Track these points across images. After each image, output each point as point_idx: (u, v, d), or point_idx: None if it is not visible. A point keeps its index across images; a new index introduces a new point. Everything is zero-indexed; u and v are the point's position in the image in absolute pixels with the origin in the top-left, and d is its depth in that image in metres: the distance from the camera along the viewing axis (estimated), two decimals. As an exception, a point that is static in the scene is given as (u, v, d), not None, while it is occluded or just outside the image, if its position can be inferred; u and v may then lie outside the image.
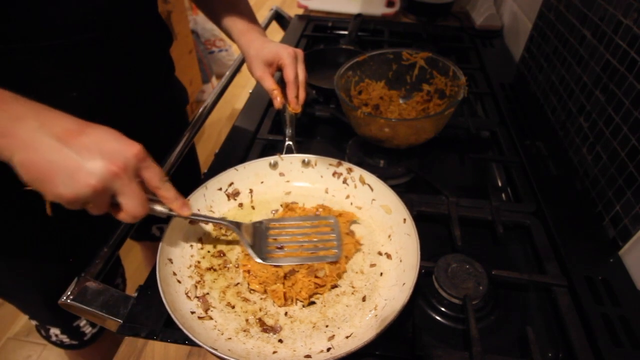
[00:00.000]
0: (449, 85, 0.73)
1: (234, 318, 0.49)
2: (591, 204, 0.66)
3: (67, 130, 0.38)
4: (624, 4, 0.63)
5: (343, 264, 0.54)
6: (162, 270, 0.50)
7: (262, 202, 0.64)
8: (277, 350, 0.46)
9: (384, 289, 0.52)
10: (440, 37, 1.20)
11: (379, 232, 0.60)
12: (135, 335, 0.49)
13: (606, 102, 0.66)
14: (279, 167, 0.67)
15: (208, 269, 0.55)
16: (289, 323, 0.49)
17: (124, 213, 0.42)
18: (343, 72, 0.74)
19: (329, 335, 0.48)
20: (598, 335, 0.48)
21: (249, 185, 0.65)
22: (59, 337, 0.80)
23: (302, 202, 0.64)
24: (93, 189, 0.38)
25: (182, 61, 2.08)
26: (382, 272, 0.55)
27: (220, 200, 0.62)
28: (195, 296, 0.51)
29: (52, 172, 0.37)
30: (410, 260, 0.52)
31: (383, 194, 0.61)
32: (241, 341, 0.47)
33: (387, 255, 0.56)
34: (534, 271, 0.58)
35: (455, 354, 0.47)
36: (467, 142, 0.82)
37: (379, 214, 0.61)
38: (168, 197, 0.46)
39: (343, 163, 0.65)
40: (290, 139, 0.69)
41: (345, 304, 0.51)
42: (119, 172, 0.39)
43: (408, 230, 0.55)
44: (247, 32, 0.71)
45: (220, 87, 0.92)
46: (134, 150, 0.41)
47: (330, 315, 0.50)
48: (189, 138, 0.77)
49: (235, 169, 0.64)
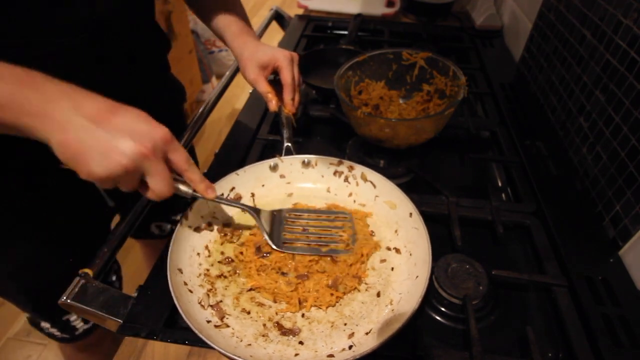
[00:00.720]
0: (449, 85, 0.73)
1: (251, 324, 0.49)
2: (591, 204, 0.66)
3: (99, 110, 0.40)
4: (624, 4, 0.63)
5: (364, 270, 0.55)
6: (174, 280, 0.49)
7: (264, 205, 0.64)
8: (298, 352, 0.46)
9: (396, 283, 0.53)
10: (440, 37, 1.20)
11: (385, 228, 0.60)
12: (135, 335, 0.49)
13: (606, 102, 0.66)
14: (280, 169, 0.67)
15: (218, 277, 0.54)
16: (307, 324, 0.49)
17: (151, 192, 0.45)
18: (343, 72, 0.74)
19: (348, 333, 0.48)
20: (598, 335, 0.48)
21: (250, 189, 0.65)
22: (49, 330, 0.80)
23: (305, 203, 0.64)
24: (124, 169, 0.40)
25: (182, 61, 2.08)
26: (393, 267, 0.55)
27: (222, 205, 0.62)
28: (209, 305, 0.50)
29: (85, 152, 0.39)
30: (420, 253, 0.53)
31: (386, 190, 0.62)
32: (261, 346, 0.47)
33: (395, 250, 0.57)
34: (534, 271, 0.58)
35: (455, 354, 0.47)
36: (467, 142, 0.82)
37: (384, 210, 0.62)
38: (194, 179, 0.48)
39: (344, 162, 0.65)
40: (288, 141, 0.69)
41: (361, 301, 0.52)
42: (148, 154, 0.41)
43: (415, 224, 0.56)
44: (240, 35, 0.71)
45: (220, 87, 0.92)
46: (162, 132, 0.43)
47: (347, 314, 0.50)
48: (189, 138, 0.77)
49: (236, 173, 0.63)
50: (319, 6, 1.35)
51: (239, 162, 0.73)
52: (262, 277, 0.53)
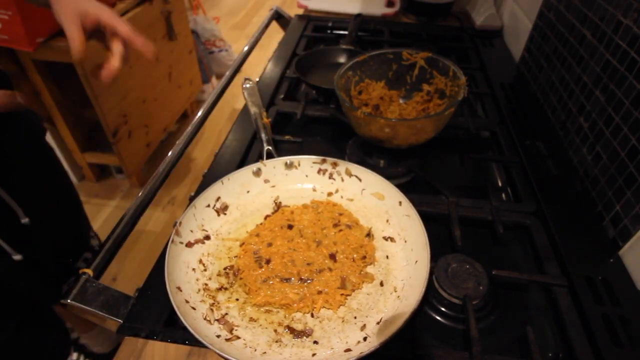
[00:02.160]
0: (449, 85, 0.73)
1: (262, 332, 0.48)
2: (591, 204, 0.66)
3: None
4: (624, 4, 0.63)
5: (371, 275, 0.55)
6: (176, 300, 0.47)
7: (252, 211, 0.63)
8: (315, 352, 0.46)
9: (396, 270, 0.54)
10: (440, 37, 1.20)
11: (376, 219, 0.61)
12: (135, 335, 0.49)
13: (606, 102, 0.66)
14: (263, 173, 0.66)
15: (218, 289, 0.53)
16: (318, 324, 0.49)
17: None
18: (343, 72, 0.74)
19: (360, 325, 0.49)
20: (598, 335, 0.48)
21: (236, 197, 0.64)
22: None
23: (292, 204, 0.64)
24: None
25: (182, 61, 2.08)
26: (388, 255, 0.56)
27: (210, 217, 0.60)
28: (214, 319, 0.49)
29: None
30: (416, 238, 0.54)
31: (372, 182, 0.63)
32: (277, 352, 0.46)
33: (390, 239, 0.58)
34: (534, 271, 0.58)
35: (455, 354, 0.47)
36: (467, 142, 0.82)
37: (372, 202, 0.63)
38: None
39: (327, 159, 0.66)
40: (268, 143, 0.70)
41: (366, 292, 0.53)
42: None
43: (406, 212, 0.57)
44: None
45: (220, 87, 0.92)
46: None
47: (355, 307, 0.51)
48: (189, 138, 0.78)
49: (221, 181, 0.62)
50: (319, 6, 1.35)
51: (239, 162, 0.73)
52: (267, 291, 0.52)
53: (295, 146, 0.78)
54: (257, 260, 0.55)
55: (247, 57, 1.08)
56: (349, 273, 0.54)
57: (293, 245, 0.57)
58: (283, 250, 0.56)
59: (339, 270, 0.54)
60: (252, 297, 0.52)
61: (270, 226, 0.60)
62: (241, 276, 0.54)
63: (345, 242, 0.57)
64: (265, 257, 0.55)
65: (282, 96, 0.93)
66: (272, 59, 1.05)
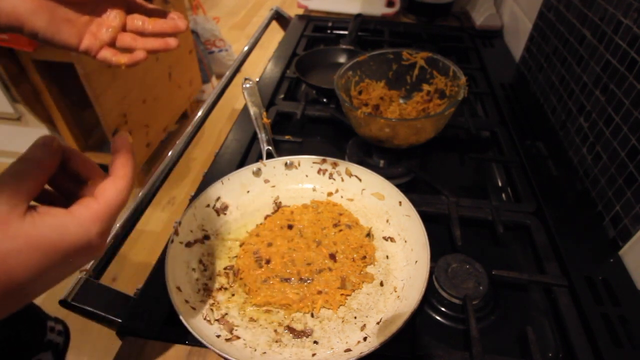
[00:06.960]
0: (449, 85, 0.73)
1: (262, 332, 0.49)
2: (591, 204, 0.66)
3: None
4: (624, 4, 0.63)
5: (371, 275, 0.55)
6: (176, 300, 0.47)
7: (252, 211, 0.63)
8: (315, 352, 0.46)
9: (396, 270, 0.54)
10: (440, 37, 1.20)
11: (376, 219, 0.61)
12: (135, 335, 0.49)
13: (606, 102, 0.66)
14: (263, 173, 0.66)
15: (219, 290, 0.53)
16: (318, 324, 0.50)
17: None
18: (343, 72, 0.74)
19: (360, 325, 0.49)
20: (598, 335, 0.48)
21: (236, 197, 0.63)
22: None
23: (292, 204, 0.64)
24: None
25: (182, 61, 2.08)
26: (389, 255, 0.57)
27: (210, 217, 0.60)
28: (214, 319, 0.49)
29: None
30: (416, 238, 0.54)
31: (372, 182, 0.63)
32: (277, 352, 0.46)
33: (390, 239, 0.58)
34: (534, 271, 0.58)
35: (455, 354, 0.47)
36: (467, 142, 0.82)
37: (372, 202, 0.63)
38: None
39: (327, 159, 0.66)
40: (268, 144, 0.70)
41: (366, 292, 0.53)
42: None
43: (406, 212, 0.57)
44: None
45: (220, 87, 0.92)
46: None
47: (355, 307, 0.51)
48: (189, 138, 0.78)
49: (221, 181, 0.62)
50: (319, 6, 1.35)
51: (239, 162, 0.73)
52: (267, 291, 0.52)
53: (295, 146, 0.78)
54: (257, 260, 0.55)
55: (247, 57, 1.08)
56: (349, 273, 0.54)
57: (293, 245, 0.57)
58: (283, 250, 0.56)
59: (339, 270, 0.54)
60: (252, 297, 0.52)
61: (270, 226, 0.60)
62: (241, 276, 0.54)
63: (345, 242, 0.57)
64: (265, 257, 0.55)
65: (282, 96, 0.93)
66: (272, 59, 1.05)
